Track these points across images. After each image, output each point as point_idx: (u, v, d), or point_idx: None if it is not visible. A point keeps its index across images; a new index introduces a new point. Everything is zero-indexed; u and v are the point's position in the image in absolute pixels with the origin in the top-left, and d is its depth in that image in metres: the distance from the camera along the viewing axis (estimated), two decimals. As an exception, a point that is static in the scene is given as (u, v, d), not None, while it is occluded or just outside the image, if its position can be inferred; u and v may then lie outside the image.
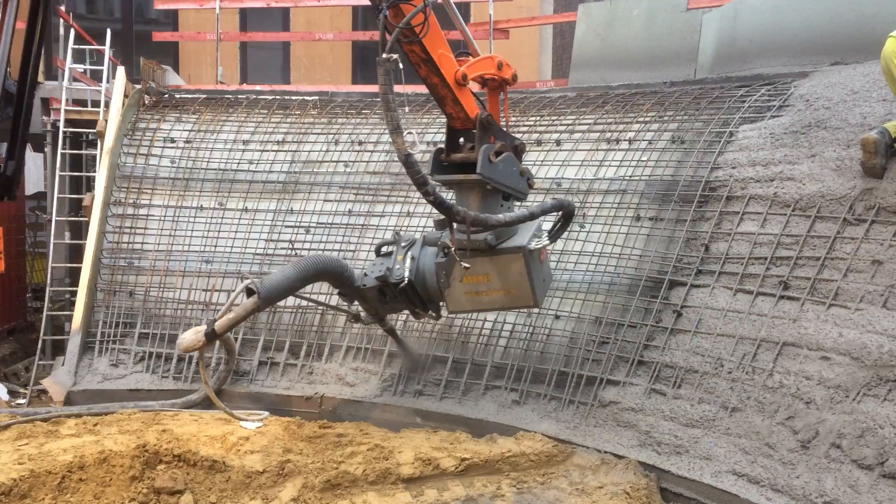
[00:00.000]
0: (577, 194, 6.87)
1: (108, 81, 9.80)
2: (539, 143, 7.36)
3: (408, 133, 4.40)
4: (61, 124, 9.18)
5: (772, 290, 5.57)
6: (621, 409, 5.76)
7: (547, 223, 5.46)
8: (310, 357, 7.24)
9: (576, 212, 5.59)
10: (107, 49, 10.03)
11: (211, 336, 5.18)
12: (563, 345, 6.37)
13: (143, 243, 8.05)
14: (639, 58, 8.78)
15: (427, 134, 7.99)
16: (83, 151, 9.89)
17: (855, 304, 5.11)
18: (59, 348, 9.08)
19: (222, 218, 8.03)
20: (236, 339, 7.41)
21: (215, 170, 8.26)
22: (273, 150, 8.29)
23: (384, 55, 4.16)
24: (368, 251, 7.47)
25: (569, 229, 5.66)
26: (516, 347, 6.54)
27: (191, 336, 5.25)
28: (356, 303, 5.98)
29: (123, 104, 8.57)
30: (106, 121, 8.53)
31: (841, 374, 4.87)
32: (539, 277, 5.14)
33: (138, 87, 8.88)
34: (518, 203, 5.40)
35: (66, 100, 9.32)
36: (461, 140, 4.97)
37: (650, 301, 6.15)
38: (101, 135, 8.49)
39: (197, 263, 7.87)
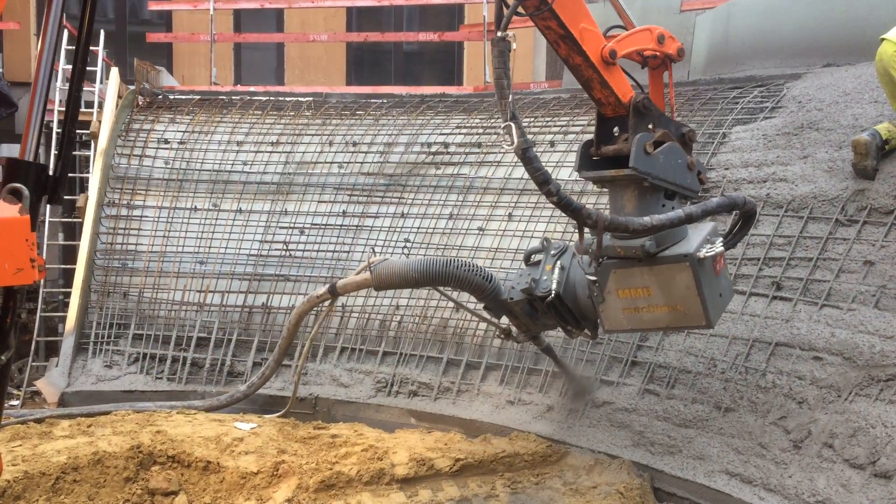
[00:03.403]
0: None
1: (101, 82, 9.79)
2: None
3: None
4: (55, 125, 9.16)
5: (764, 291, 5.59)
6: (615, 410, 5.77)
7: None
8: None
9: (758, 211, 4.75)
10: (100, 50, 10.03)
11: (332, 291, 5.72)
12: (557, 345, 6.38)
13: (136, 244, 8.03)
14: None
15: (420, 135, 8.01)
16: (77, 152, 9.87)
17: (847, 304, 5.13)
18: (52, 350, 9.06)
19: (216, 219, 8.02)
20: (230, 340, 7.42)
21: (209, 171, 8.25)
22: (267, 152, 8.29)
23: (499, 34, 3.67)
24: (362, 253, 7.48)
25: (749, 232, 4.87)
26: (511, 348, 6.55)
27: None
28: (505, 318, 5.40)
29: (117, 105, 8.55)
30: (99, 122, 8.52)
31: (833, 374, 4.90)
32: (713, 292, 4.35)
33: (132, 88, 8.87)
34: (688, 202, 4.58)
35: (60, 101, 9.30)
36: (615, 130, 4.29)
37: (644, 302, 6.15)
38: (95, 136, 8.48)
39: (191, 265, 7.86)
